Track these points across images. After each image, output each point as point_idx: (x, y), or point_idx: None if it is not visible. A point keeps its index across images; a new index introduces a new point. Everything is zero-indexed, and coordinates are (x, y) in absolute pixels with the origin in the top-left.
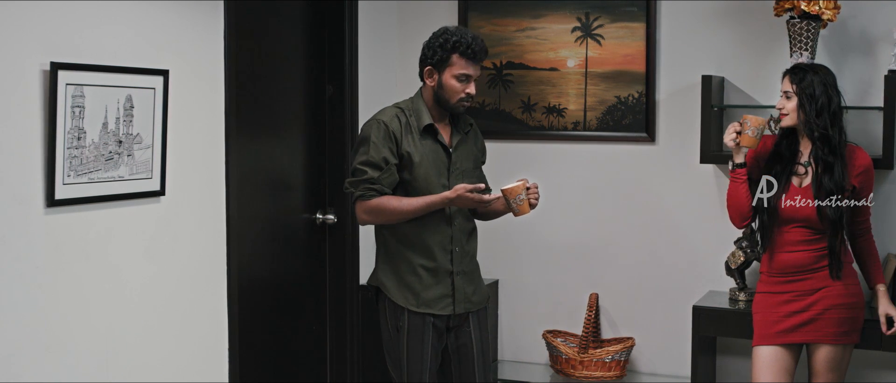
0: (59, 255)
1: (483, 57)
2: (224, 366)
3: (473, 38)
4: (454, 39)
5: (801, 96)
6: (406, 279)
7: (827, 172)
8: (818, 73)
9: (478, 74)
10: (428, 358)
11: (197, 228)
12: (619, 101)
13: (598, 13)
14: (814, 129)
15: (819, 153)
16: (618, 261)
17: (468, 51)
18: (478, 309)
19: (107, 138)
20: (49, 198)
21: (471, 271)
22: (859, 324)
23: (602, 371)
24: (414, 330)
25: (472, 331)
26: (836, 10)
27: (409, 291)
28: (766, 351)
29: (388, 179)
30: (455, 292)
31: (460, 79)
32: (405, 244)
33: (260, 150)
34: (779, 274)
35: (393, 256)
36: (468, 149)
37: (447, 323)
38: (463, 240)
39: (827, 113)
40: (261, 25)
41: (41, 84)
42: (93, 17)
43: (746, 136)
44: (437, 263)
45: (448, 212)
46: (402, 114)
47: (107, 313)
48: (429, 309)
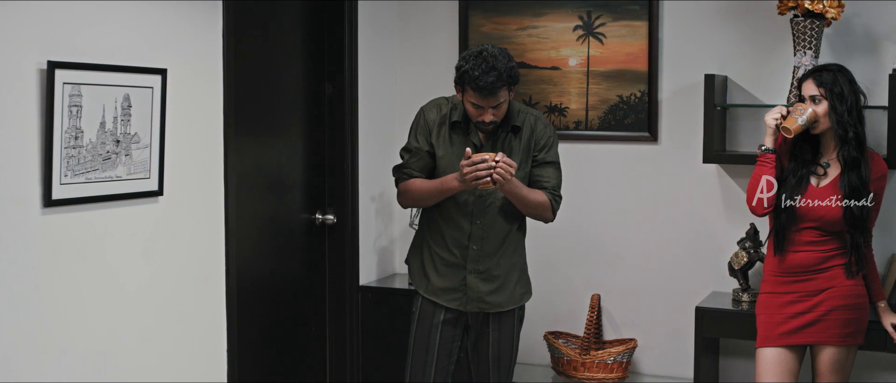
0: (56, 256)
1: (489, 94)
2: (223, 368)
3: (482, 73)
4: (464, 69)
5: (831, 99)
6: (425, 265)
7: (855, 170)
8: (842, 72)
9: (495, 103)
10: (434, 349)
11: (195, 229)
12: (622, 101)
13: (599, 11)
14: (848, 129)
15: (850, 151)
16: (620, 262)
17: (473, 84)
18: (497, 311)
19: (104, 138)
20: (46, 198)
21: (491, 272)
22: (864, 326)
23: (604, 372)
24: (424, 317)
25: (491, 334)
26: (840, 9)
27: (424, 276)
28: (770, 352)
29: (418, 164)
30: (467, 289)
31: (473, 106)
32: (430, 232)
33: (259, 150)
34: (785, 274)
35: (421, 241)
36: (507, 147)
37: (465, 322)
38: (487, 241)
39: (856, 112)
40: (260, 24)
41: (38, 83)
42: (90, 15)
43: (792, 119)
44: (453, 257)
45: (471, 210)
46: (445, 106)
47: (104, 314)
48: (436, 298)
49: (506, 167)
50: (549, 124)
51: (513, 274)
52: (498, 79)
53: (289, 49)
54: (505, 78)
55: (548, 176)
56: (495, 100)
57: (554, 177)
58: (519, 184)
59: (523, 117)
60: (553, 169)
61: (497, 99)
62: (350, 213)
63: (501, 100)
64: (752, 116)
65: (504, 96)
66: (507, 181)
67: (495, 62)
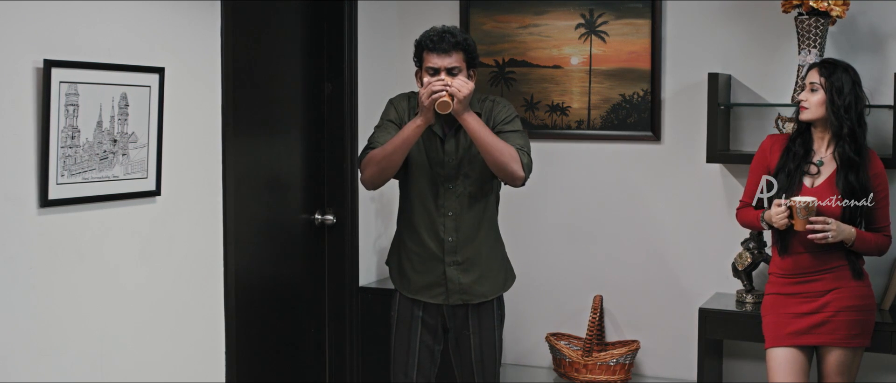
0: (52, 256)
1: (444, 52)
2: (221, 368)
3: (437, 33)
4: (421, 36)
5: (829, 90)
6: (403, 264)
7: (852, 171)
8: (848, 70)
9: (450, 65)
10: (415, 349)
11: (193, 229)
12: (624, 100)
13: (602, 10)
14: (843, 125)
15: (845, 149)
16: (623, 263)
17: (429, 43)
18: (480, 301)
19: (101, 137)
20: (42, 198)
21: (470, 261)
22: (870, 327)
23: (606, 374)
24: (402, 319)
25: (472, 337)
26: (845, 7)
27: (404, 276)
28: (782, 352)
29: (384, 136)
30: (448, 282)
31: (429, 72)
32: (406, 231)
33: (258, 150)
34: (790, 275)
35: (398, 242)
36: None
37: (443, 323)
38: (461, 230)
39: (854, 111)
40: (259, 22)
41: (34, 82)
42: (87, 13)
43: (799, 222)
44: (430, 251)
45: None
46: (414, 98)
47: (101, 315)
48: (418, 297)
49: (462, 80)
50: (508, 103)
51: (494, 262)
52: (453, 37)
53: (288, 48)
54: (461, 41)
55: (511, 139)
56: (450, 61)
57: (519, 140)
58: (478, 119)
59: (482, 104)
60: (517, 135)
61: (451, 59)
62: (350, 214)
63: (456, 65)
64: (757, 115)
65: (459, 62)
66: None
67: (452, 29)
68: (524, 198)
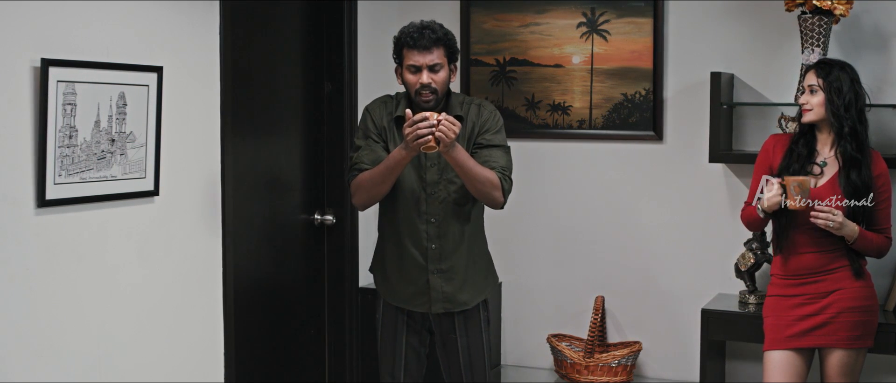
0: (50, 257)
1: (425, 48)
2: (220, 369)
3: (418, 29)
4: (401, 33)
5: (828, 91)
6: (387, 272)
7: (855, 169)
8: (845, 69)
9: (431, 62)
10: (402, 352)
11: (192, 229)
12: (626, 99)
13: (604, 8)
14: (844, 124)
15: (848, 148)
16: (624, 263)
17: (409, 40)
18: (463, 309)
19: (99, 137)
20: (40, 198)
21: (454, 270)
22: (873, 328)
23: (608, 376)
24: (387, 324)
25: (459, 341)
26: (849, 5)
27: (388, 284)
28: (778, 355)
29: (370, 156)
30: (430, 290)
31: (411, 70)
32: (389, 239)
33: (257, 149)
34: (791, 276)
35: (382, 250)
36: None
37: (429, 328)
38: (445, 238)
39: (854, 109)
40: (258, 21)
41: (32, 81)
42: (85, 12)
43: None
44: (414, 260)
45: (424, 210)
46: (390, 102)
47: (100, 315)
48: (404, 305)
49: (448, 125)
50: (494, 110)
51: (477, 269)
52: (433, 33)
53: (287, 47)
54: (441, 37)
55: (495, 157)
56: (432, 58)
57: (502, 159)
58: (464, 153)
59: (466, 107)
60: (500, 151)
61: (433, 56)
62: (349, 214)
63: (438, 61)
64: (759, 115)
65: (440, 58)
66: (451, 141)
67: (432, 24)
68: (525, 199)
